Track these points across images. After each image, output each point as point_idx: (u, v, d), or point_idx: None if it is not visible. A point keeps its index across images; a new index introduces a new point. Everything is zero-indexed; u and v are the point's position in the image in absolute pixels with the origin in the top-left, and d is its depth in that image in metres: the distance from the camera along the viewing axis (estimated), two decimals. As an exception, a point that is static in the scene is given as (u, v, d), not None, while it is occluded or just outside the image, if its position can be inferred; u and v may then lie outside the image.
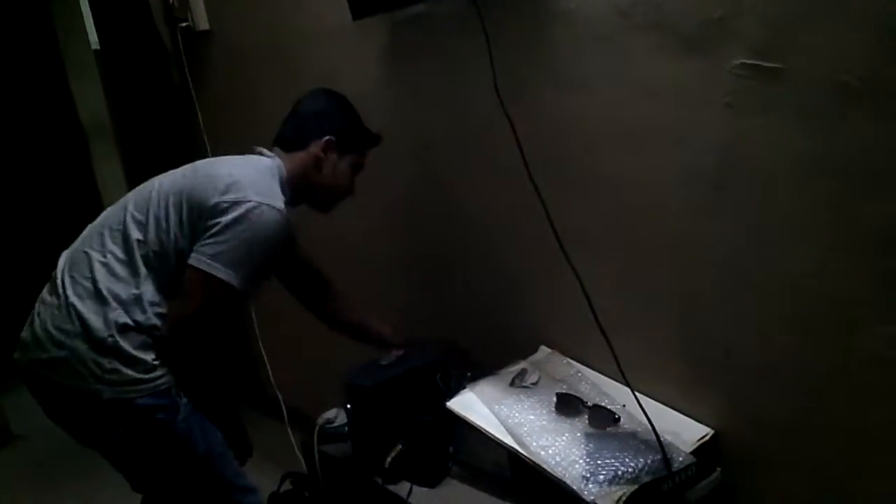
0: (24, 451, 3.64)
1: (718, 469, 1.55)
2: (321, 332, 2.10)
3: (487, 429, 1.63)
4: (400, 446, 1.72)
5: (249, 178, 1.63)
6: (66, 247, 1.74)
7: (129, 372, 1.57)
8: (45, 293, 1.68)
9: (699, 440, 1.54)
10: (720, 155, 1.42)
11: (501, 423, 1.63)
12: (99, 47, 3.41)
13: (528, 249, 1.87)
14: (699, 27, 1.39)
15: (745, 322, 1.47)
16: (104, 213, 1.74)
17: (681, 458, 1.47)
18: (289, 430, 2.75)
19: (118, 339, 1.57)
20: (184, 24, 2.99)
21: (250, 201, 1.58)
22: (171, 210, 1.63)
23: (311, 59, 2.45)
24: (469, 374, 1.85)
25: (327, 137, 1.79)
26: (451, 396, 1.76)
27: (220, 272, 1.56)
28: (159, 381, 1.61)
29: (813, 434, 1.41)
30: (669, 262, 1.58)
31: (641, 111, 1.53)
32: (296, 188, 1.78)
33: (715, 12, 1.36)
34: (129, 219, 1.65)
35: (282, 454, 2.63)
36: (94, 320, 1.57)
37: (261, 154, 1.80)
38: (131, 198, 1.70)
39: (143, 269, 1.61)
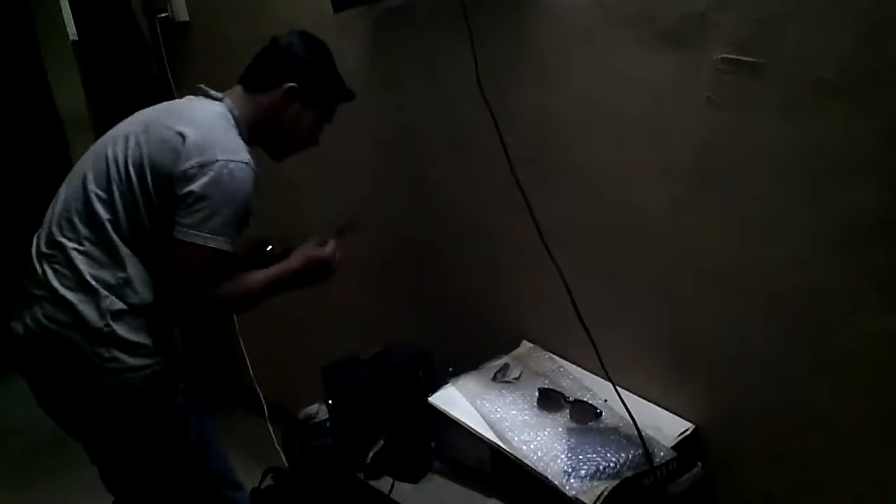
0: (6, 446, 3.60)
1: (699, 464, 1.56)
2: (302, 327, 2.09)
3: (469, 424, 1.62)
4: (382, 441, 1.72)
5: (209, 136, 1.57)
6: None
7: (128, 358, 1.55)
8: (29, 284, 1.63)
9: (680, 435, 1.55)
10: (701, 149, 1.42)
11: (483, 418, 1.63)
12: (77, 38, 3.36)
13: (510, 244, 1.86)
14: (681, 22, 1.39)
15: (725, 316, 1.47)
16: (64, 192, 1.65)
17: (662, 453, 1.48)
18: (269, 425, 2.74)
19: (114, 326, 1.54)
20: (163, 15, 2.96)
21: (217, 161, 1.52)
22: (136, 185, 1.56)
23: (291, 51, 2.43)
24: (451, 368, 1.85)
25: (291, 84, 1.71)
26: (432, 391, 1.76)
27: (211, 241, 1.52)
28: (158, 367, 1.59)
29: (794, 428, 1.42)
30: (651, 256, 1.58)
31: (623, 106, 1.53)
32: (252, 131, 1.70)
33: (697, 6, 1.36)
34: (92, 197, 1.58)
35: (263, 450, 2.62)
36: (87, 311, 1.53)
37: (206, 96, 1.72)
38: (88, 169, 1.62)
39: (123, 250, 1.56)
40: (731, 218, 1.41)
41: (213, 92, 1.72)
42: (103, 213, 1.57)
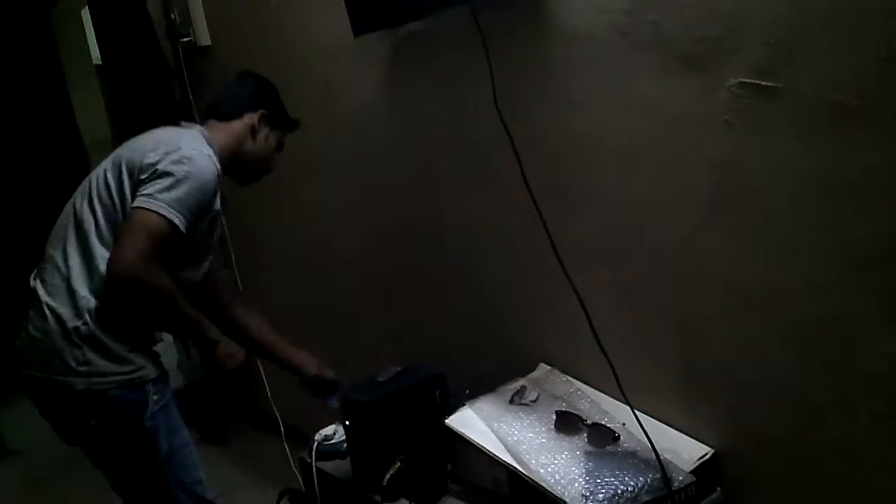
0: (18, 467, 3.63)
1: (718, 488, 1.55)
2: (319, 349, 2.10)
3: (486, 446, 1.62)
4: (398, 463, 1.72)
5: (179, 138, 1.71)
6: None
7: (103, 362, 1.62)
8: (30, 304, 1.72)
9: (699, 459, 1.54)
10: (718, 173, 1.43)
11: (500, 440, 1.63)
12: (101, 62, 3.42)
13: (528, 267, 1.87)
14: (698, 46, 1.40)
15: (743, 340, 1.47)
16: (60, 217, 1.77)
17: (681, 478, 1.46)
18: (286, 446, 2.74)
19: (91, 325, 1.61)
20: (185, 40, 3.01)
21: (180, 149, 1.65)
22: (111, 181, 1.68)
23: (311, 74, 2.46)
24: (468, 391, 1.85)
25: (262, 110, 1.88)
26: (449, 413, 1.76)
27: (162, 208, 1.58)
28: (133, 375, 1.65)
29: (814, 453, 1.41)
30: (668, 280, 1.57)
31: (640, 129, 1.54)
32: (225, 155, 1.81)
33: (713, 32, 1.36)
34: (79, 208, 1.70)
35: (279, 471, 2.62)
36: (65, 312, 1.62)
37: (178, 125, 1.84)
38: (77, 194, 1.76)
39: (99, 249, 1.64)
40: (748, 241, 1.41)
41: (185, 122, 1.86)
42: (86, 217, 1.68)
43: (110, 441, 1.68)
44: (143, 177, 1.63)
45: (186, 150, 1.65)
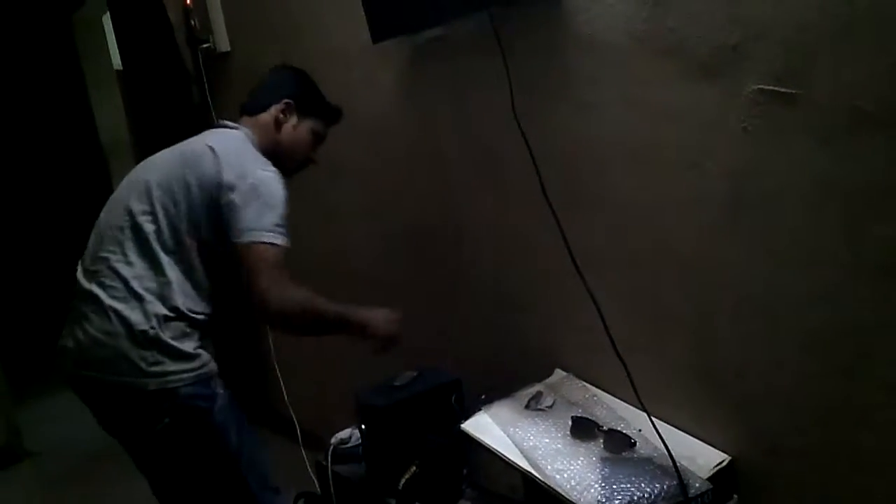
0: (36, 468, 3.66)
1: (735, 496, 1.54)
2: (336, 351, 2.10)
3: (502, 451, 1.62)
4: (414, 468, 1.72)
5: (234, 153, 1.73)
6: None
7: (172, 362, 1.62)
8: (78, 305, 1.71)
9: (716, 466, 1.53)
10: (735, 179, 1.42)
11: (516, 445, 1.63)
12: (121, 68, 3.46)
13: (544, 272, 1.87)
14: (714, 53, 1.40)
15: (759, 346, 1.46)
16: (104, 219, 1.77)
17: (697, 485, 1.46)
18: (302, 450, 2.75)
19: (158, 330, 1.61)
20: (205, 46, 3.04)
21: (250, 170, 1.68)
22: (180, 197, 1.68)
23: (330, 80, 2.47)
24: (483, 396, 1.85)
25: (286, 100, 1.90)
26: (464, 418, 1.76)
27: (266, 236, 1.62)
28: (201, 371, 1.65)
29: (831, 462, 1.40)
30: (685, 285, 1.57)
31: (658, 135, 1.54)
32: (262, 149, 1.83)
33: (731, 39, 1.37)
34: (137, 214, 1.69)
35: (295, 474, 2.63)
36: (134, 316, 1.61)
37: (225, 126, 1.88)
38: (129, 195, 1.74)
39: (164, 258, 1.65)
40: (765, 248, 1.41)
41: (228, 122, 1.89)
42: (147, 225, 1.68)
43: (182, 439, 1.67)
44: (222, 201, 1.64)
45: (253, 169, 1.69)
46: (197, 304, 1.68)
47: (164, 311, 1.62)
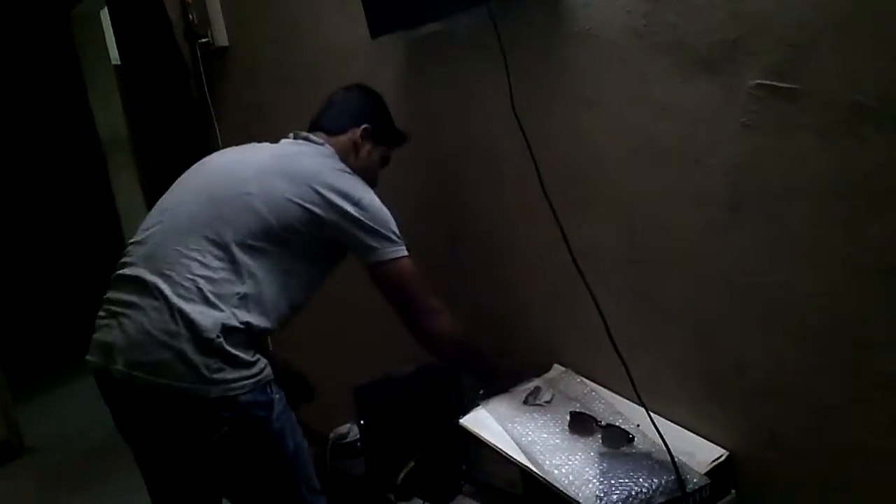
0: (35, 464, 3.66)
1: (733, 491, 1.54)
2: (334, 346, 2.10)
3: (500, 446, 1.62)
4: (412, 463, 1.72)
5: (338, 169, 1.77)
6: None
7: (232, 370, 1.56)
8: (124, 294, 1.63)
9: (714, 461, 1.53)
10: (735, 175, 1.42)
11: (514, 440, 1.63)
12: (119, 62, 3.45)
13: (542, 267, 1.87)
14: (715, 48, 1.40)
15: (759, 342, 1.46)
16: (182, 208, 1.70)
17: (695, 480, 1.46)
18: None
19: (223, 340, 1.55)
20: (203, 41, 3.03)
21: (360, 188, 1.74)
22: (279, 207, 1.65)
23: (328, 75, 2.47)
24: (481, 391, 1.85)
25: (365, 125, 1.89)
26: (463, 413, 1.76)
27: (399, 251, 1.72)
28: (260, 377, 1.61)
29: (829, 457, 1.40)
30: (684, 281, 1.57)
31: (657, 131, 1.54)
32: None
33: (730, 34, 1.36)
34: (223, 215, 1.64)
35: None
36: (203, 321, 1.54)
37: (308, 139, 1.86)
38: (216, 194, 1.68)
39: (245, 268, 1.61)
40: (765, 244, 1.41)
41: (313, 137, 1.86)
42: (234, 234, 1.63)
43: (240, 448, 1.62)
44: (345, 235, 1.70)
45: (363, 190, 1.74)
46: (266, 322, 1.63)
47: (235, 324, 1.57)
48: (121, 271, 1.67)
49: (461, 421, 1.73)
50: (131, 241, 1.72)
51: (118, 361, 1.57)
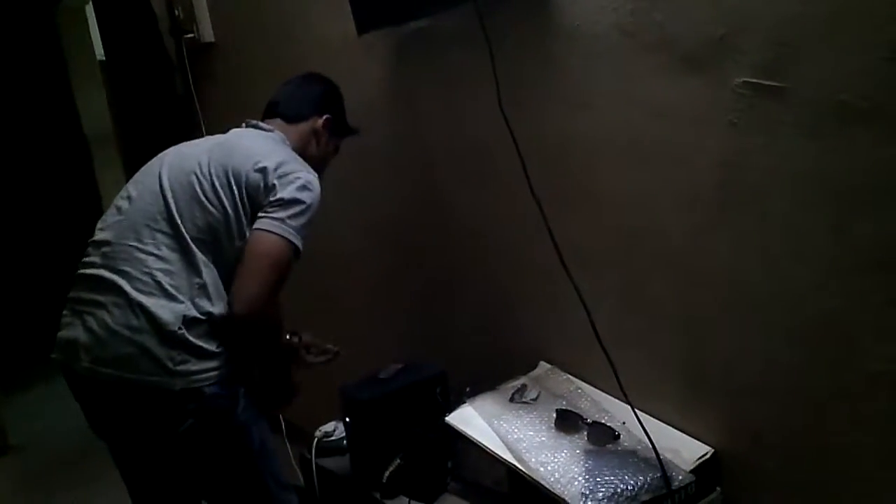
0: (20, 461, 3.63)
1: (718, 488, 1.55)
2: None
3: (486, 444, 1.62)
4: (398, 461, 1.72)
5: (288, 155, 1.73)
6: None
7: (197, 361, 1.56)
8: (85, 292, 1.63)
9: (699, 459, 1.54)
10: (722, 173, 1.43)
11: (500, 438, 1.63)
12: (104, 58, 3.43)
13: (529, 265, 1.87)
14: (702, 46, 1.40)
15: (745, 340, 1.47)
16: (134, 204, 1.69)
17: (680, 477, 1.46)
18: (286, 442, 2.74)
19: (185, 330, 1.55)
20: (189, 36, 3.01)
21: (299, 172, 1.67)
22: (222, 193, 1.63)
23: (314, 71, 2.46)
24: (468, 388, 1.85)
25: (327, 115, 1.90)
26: (449, 410, 1.76)
27: (292, 235, 1.61)
28: (224, 370, 1.60)
29: (814, 454, 1.41)
30: (670, 279, 1.58)
31: (644, 129, 1.54)
32: None
33: (717, 31, 1.36)
34: (172, 208, 1.63)
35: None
36: (163, 314, 1.54)
37: (258, 127, 1.84)
38: (165, 185, 1.67)
39: (200, 258, 1.60)
40: (752, 242, 1.41)
41: (263, 124, 1.85)
42: (184, 221, 1.62)
43: (206, 440, 1.62)
44: (268, 199, 1.63)
45: (303, 172, 1.68)
46: (227, 309, 1.61)
47: (196, 314, 1.56)
48: (81, 271, 1.67)
49: (447, 418, 1.73)
50: (90, 240, 1.71)
51: (83, 358, 1.58)
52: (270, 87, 2.63)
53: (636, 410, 1.55)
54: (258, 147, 1.72)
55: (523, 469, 1.53)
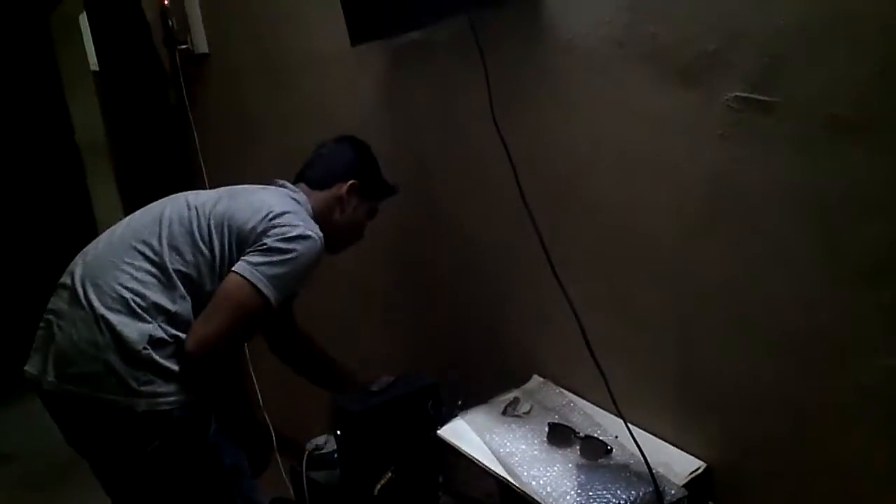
0: (10, 471, 3.61)
1: (711, 503, 1.54)
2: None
3: (478, 457, 1.61)
4: (389, 474, 1.71)
5: (293, 209, 1.70)
6: (61, 261, 1.72)
7: (164, 383, 1.55)
8: (60, 303, 1.63)
9: (691, 473, 1.53)
10: (712, 186, 1.43)
11: (492, 452, 1.62)
12: (98, 68, 3.43)
13: (522, 277, 1.86)
14: (693, 60, 1.40)
15: (737, 353, 1.46)
16: (130, 224, 1.70)
17: (673, 491, 1.46)
18: (277, 455, 2.72)
19: (152, 352, 1.53)
20: (183, 47, 3.02)
21: (299, 226, 1.64)
22: (214, 234, 1.63)
23: (308, 83, 2.46)
24: (461, 401, 1.84)
25: (352, 181, 1.88)
26: (441, 424, 1.75)
27: (262, 284, 1.57)
28: (192, 395, 1.59)
29: (807, 469, 1.40)
30: (663, 292, 1.57)
31: (637, 140, 1.54)
32: (317, 223, 1.78)
33: (709, 45, 1.37)
34: (164, 238, 1.63)
35: (270, 480, 2.60)
36: (128, 332, 1.53)
37: (285, 187, 1.83)
38: (166, 215, 1.67)
39: (179, 290, 1.59)
40: (743, 254, 1.41)
41: (290, 185, 1.84)
42: (171, 253, 1.62)
43: (174, 461, 1.60)
44: (255, 245, 1.61)
45: (301, 227, 1.65)
46: None
47: (163, 336, 1.55)
48: (61, 280, 1.68)
49: (439, 432, 1.72)
50: (82, 256, 1.71)
51: (49, 373, 1.58)
52: (264, 98, 2.64)
53: (628, 424, 1.55)
54: (270, 198, 1.71)
55: (515, 483, 1.52)
